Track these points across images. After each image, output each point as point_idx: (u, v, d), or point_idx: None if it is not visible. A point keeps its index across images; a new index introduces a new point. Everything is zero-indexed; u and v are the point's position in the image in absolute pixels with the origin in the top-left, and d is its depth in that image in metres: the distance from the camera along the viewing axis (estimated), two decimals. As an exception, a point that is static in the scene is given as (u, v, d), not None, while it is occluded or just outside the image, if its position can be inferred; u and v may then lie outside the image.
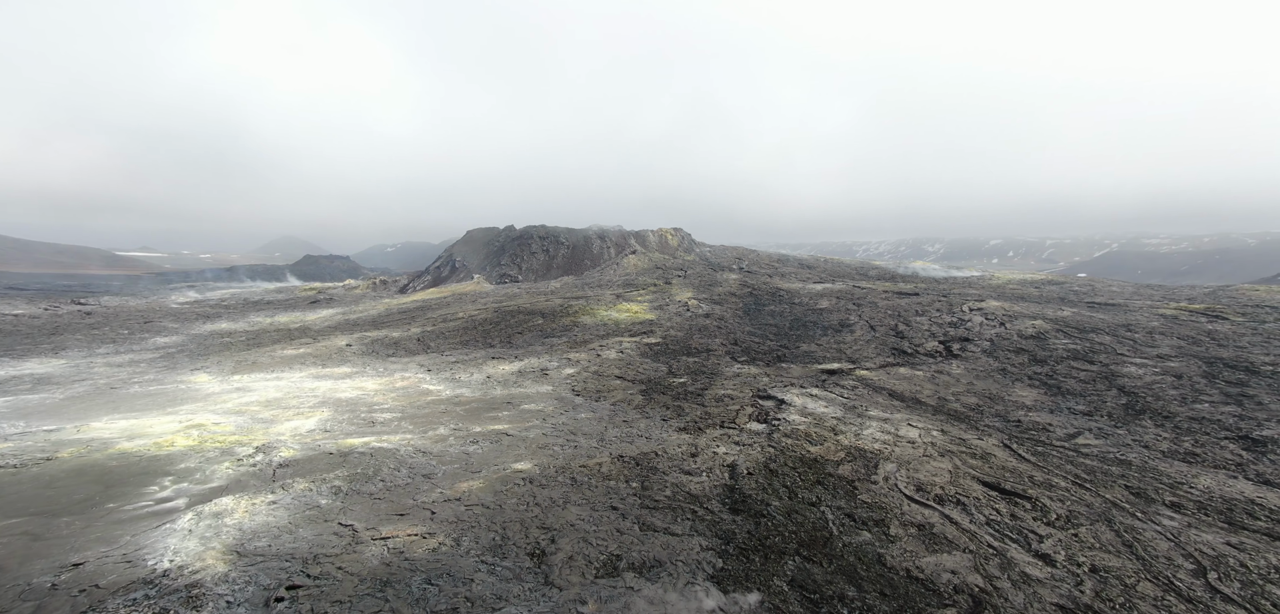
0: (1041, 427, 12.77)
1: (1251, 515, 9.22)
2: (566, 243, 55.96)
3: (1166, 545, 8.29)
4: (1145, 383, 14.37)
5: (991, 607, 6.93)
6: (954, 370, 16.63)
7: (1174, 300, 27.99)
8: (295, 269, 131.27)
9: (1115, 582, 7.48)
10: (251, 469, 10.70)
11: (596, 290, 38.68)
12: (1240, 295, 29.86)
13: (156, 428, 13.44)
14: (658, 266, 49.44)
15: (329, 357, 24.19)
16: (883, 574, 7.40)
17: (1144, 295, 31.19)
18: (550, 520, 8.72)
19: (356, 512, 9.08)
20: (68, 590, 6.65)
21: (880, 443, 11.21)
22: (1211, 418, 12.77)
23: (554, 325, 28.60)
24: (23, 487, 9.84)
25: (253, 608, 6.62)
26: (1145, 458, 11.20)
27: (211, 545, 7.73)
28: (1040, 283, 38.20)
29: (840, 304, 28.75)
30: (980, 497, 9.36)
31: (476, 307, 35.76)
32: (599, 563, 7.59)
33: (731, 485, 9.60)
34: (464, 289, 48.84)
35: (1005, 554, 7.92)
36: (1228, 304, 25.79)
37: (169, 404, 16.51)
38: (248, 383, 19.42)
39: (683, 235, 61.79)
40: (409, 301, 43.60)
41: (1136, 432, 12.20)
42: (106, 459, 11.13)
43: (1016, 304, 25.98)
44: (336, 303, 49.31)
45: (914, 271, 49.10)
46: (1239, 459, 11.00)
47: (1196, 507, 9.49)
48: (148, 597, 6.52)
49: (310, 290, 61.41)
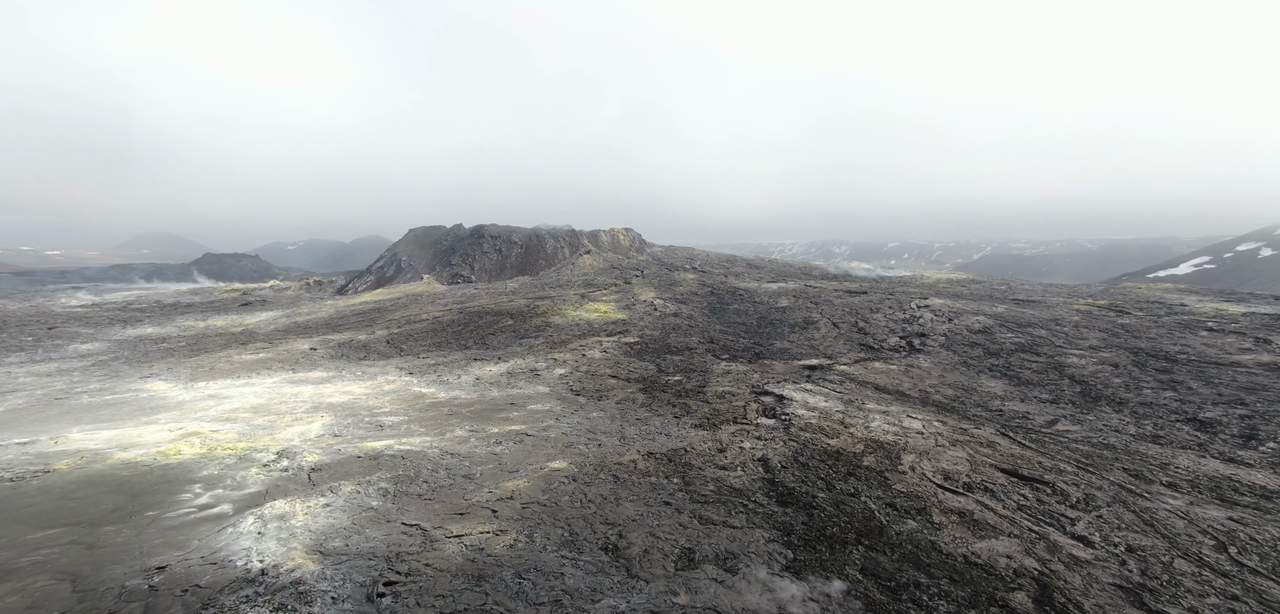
0: (1021, 415, 14.40)
1: (1236, 492, 10.35)
2: (519, 242, 55.47)
3: (1182, 524, 8.95)
4: (1089, 372, 16.68)
5: (1057, 589, 7.34)
6: (923, 364, 18.49)
7: (1079, 297, 31.98)
8: (200, 268, 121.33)
9: (1153, 560, 8.03)
10: (283, 475, 10.53)
11: (560, 290, 38.83)
12: (1130, 293, 34.50)
13: (148, 438, 12.72)
14: (614, 266, 50.07)
15: (295, 361, 23.16)
16: (944, 560, 7.82)
17: (1053, 293, 35.31)
18: (610, 516, 9.14)
19: (414, 512, 9.24)
20: (170, 591, 6.58)
21: (892, 434, 12.18)
22: (1157, 403, 14.81)
23: (526, 326, 28.66)
24: (34, 499, 9.25)
25: (357, 603, 6.82)
26: (1124, 442, 12.64)
27: (291, 546, 7.77)
28: (965, 282, 42.19)
29: (800, 303, 30.64)
30: (1004, 483, 10.20)
31: (438, 308, 35.01)
32: (674, 556, 7.97)
33: (770, 479, 10.21)
34: (414, 290, 47.36)
35: (1047, 537, 8.40)
36: (1123, 300, 29.85)
37: (140, 413, 15.49)
38: (219, 390, 18.41)
39: (634, 235, 62.78)
40: (358, 303, 41.84)
41: (1102, 418, 13.95)
42: (112, 469, 10.56)
43: (956, 301, 28.82)
44: (272, 305, 46.44)
45: (849, 271, 52.56)
46: (1197, 440, 12.58)
47: (1189, 485, 10.56)
48: (259, 595, 6.58)
49: (233, 292, 57.19)
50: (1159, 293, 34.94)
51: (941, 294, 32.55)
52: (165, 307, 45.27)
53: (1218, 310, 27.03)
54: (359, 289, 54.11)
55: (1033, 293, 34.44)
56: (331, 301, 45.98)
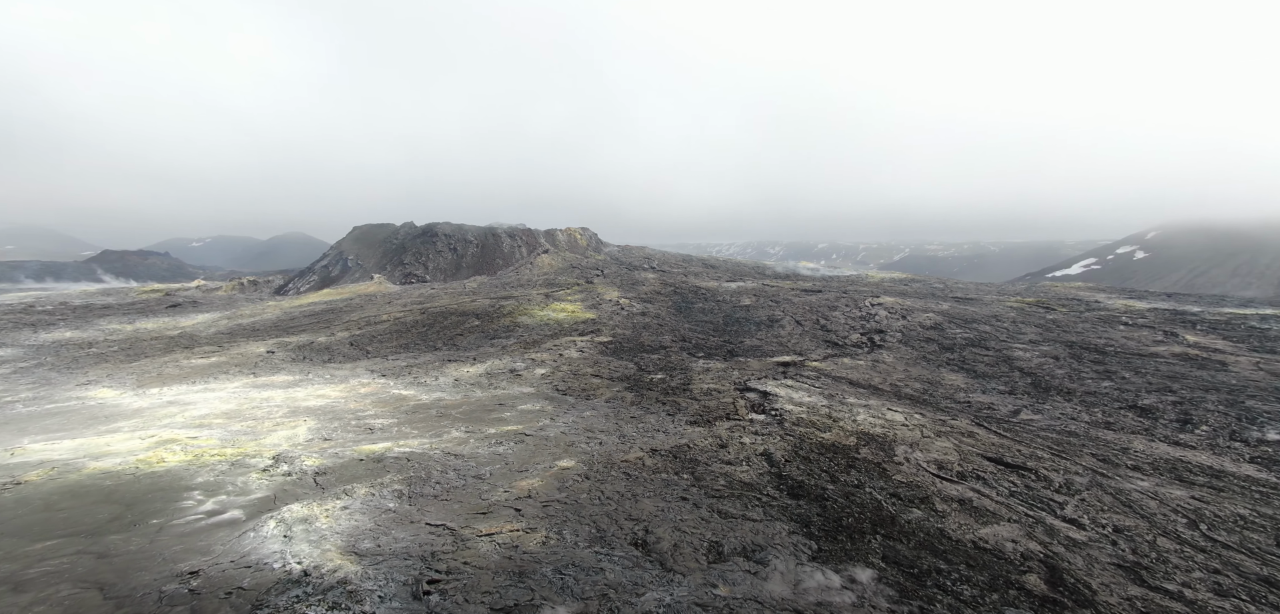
0: (987, 406, 15.63)
1: (1190, 472, 11.22)
2: (475, 241, 54.41)
3: (1154, 504, 9.46)
4: (1035, 365, 18.44)
5: (1064, 570, 7.65)
6: (887, 359, 19.83)
7: (1009, 296, 34.96)
8: (103, 265, 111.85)
9: (1140, 539, 8.43)
10: (287, 479, 10.25)
11: (522, 290, 38.51)
12: (1051, 291, 37.99)
13: (119, 446, 11.97)
14: (573, 266, 50.04)
15: (254, 365, 22.03)
16: (955, 547, 8.09)
17: (985, 291, 38.35)
18: (632, 512, 9.26)
19: (435, 513, 9.25)
20: (213, 594, 6.44)
21: (879, 427, 12.89)
22: (1099, 392, 16.32)
23: (494, 326, 28.38)
24: (14, 511, 8.65)
25: (404, 602, 6.88)
26: (1083, 429, 13.65)
27: (324, 548, 7.70)
28: (907, 281, 45.03)
29: (762, 301, 31.87)
30: (993, 471, 10.70)
31: (397, 308, 33.99)
32: (703, 549, 8.12)
33: (777, 473, 10.59)
34: (366, 290, 45.59)
35: (1043, 521, 8.74)
36: (1047, 298, 32.89)
37: (95, 422, 14.46)
38: (177, 396, 17.36)
39: (590, 235, 62.86)
40: (306, 304, 39.89)
41: (1057, 407, 15.32)
42: (93, 479, 9.95)
43: (905, 300, 30.86)
44: (205, 307, 43.53)
45: (796, 270, 54.84)
46: (1143, 425, 13.85)
47: (1151, 467, 11.27)
48: (309, 595, 6.55)
49: (154, 292, 53.02)
50: (1073, 291, 38.65)
51: (890, 292, 34.70)
52: (76, 308, 41.51)
53: (1127, 306, 30.31)
54: (301, 290, 51.47)
55: (969, 291, 37.28)
56: (274, 302, 43.58)
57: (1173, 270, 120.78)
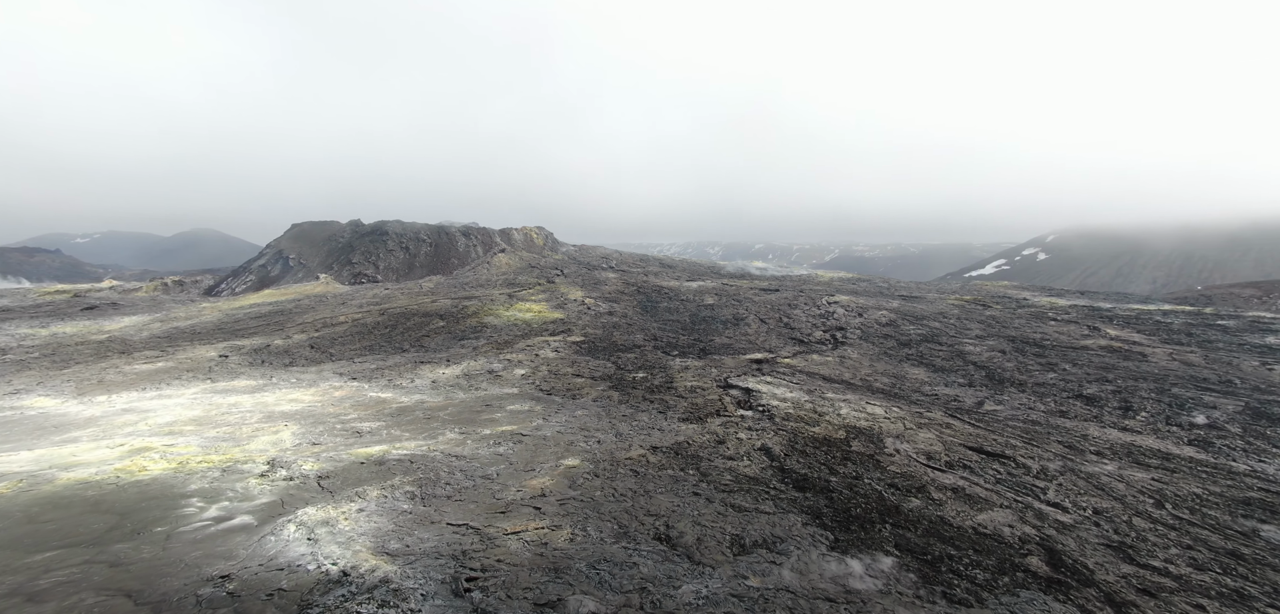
0: (953, 398, 16.72)
1: (1144, 455, 11.93)
2: (428, 240, 52.94)
3: (1123, 487, 9.91)
4: (985, 359, 20.04)
5: (1061, 552, 7.92)
6: (851, 355, 21.03)
7: (948, 294, 37.58)
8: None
9: (1119, 519, 8.82)
10: (290, 484, 9.98)
11: (484, 290, 37.90)
12: (983, 289, 41.11)
13: (88, 456, 11.22)
14: (532, 265, 49.60)
15: (208, 370, 20.79)
16: (959, 533, 8.36)
17: (926, 289, 41.02)
18: (649, 508, 9.42)
19: (453, 513, 9.26)
20: (254, 596, 6.33)
21: (864, 420, 13.50)
22: (1046, 383, 17.71)
23: (461, 327, 27.92)
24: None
25: (447, 599, 6.97)
26: (1042, 418, 14.53)
27: (355, 549, 7.65)
28: (855, 280, 47.43)
29: (724, 301, 32.85)
30: (977, 460, 11.17)
31: (353, 309, 32.73)
32: (726, 542, 8.33)
33: (779, 467, 10.98)
34: (313, 290, 43.49)
35: (1031, 506, 9.06)
36: (981, 296, 35.61)
37: (45, 433, 13.40)
38: (130, 404, 16.24)
39: (546, 234, 62.40)
40: (250, 306, 37.66)
41: (1014, 397, 16.53)
42: (71, 489, 9.35)
43: (859, 298, 32.63)
44: (129, 309, 40.32)
45: (747, 269, 56.60)
46: (1091, 413, 14.95)
47: (1110, 452, 11.89)
48: (355, 594, 6.55)
49: (61, 293, 48.45)
50: (1002, 289, 41.95)
51: (843, 291, 36.54)
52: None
53: (1052, 303, 33.29)
54: (237, 290, 48.54)
55: (912, 290, 39.76)
56: (209, 304, 40.86)
57: (1070, 270, 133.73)
